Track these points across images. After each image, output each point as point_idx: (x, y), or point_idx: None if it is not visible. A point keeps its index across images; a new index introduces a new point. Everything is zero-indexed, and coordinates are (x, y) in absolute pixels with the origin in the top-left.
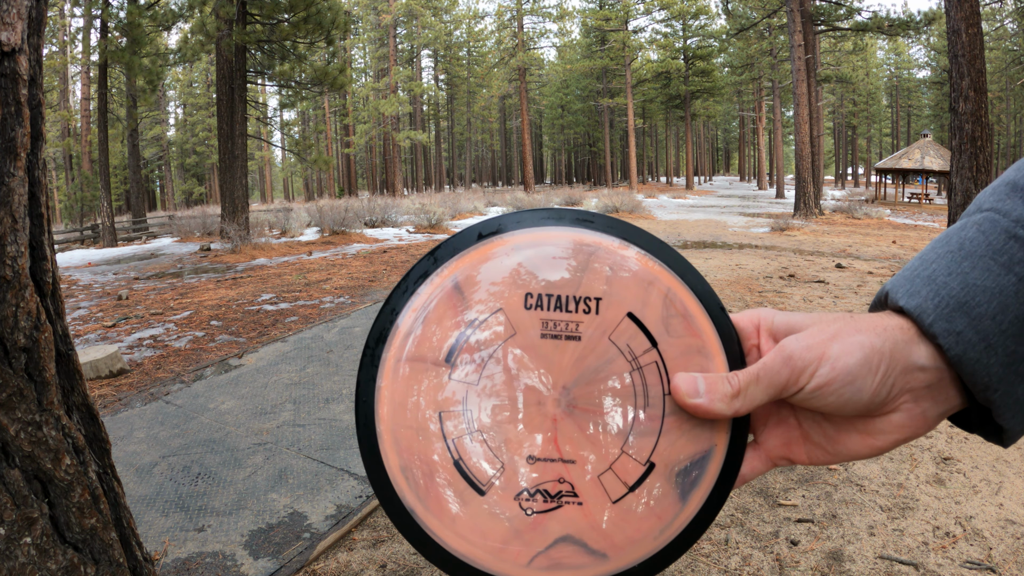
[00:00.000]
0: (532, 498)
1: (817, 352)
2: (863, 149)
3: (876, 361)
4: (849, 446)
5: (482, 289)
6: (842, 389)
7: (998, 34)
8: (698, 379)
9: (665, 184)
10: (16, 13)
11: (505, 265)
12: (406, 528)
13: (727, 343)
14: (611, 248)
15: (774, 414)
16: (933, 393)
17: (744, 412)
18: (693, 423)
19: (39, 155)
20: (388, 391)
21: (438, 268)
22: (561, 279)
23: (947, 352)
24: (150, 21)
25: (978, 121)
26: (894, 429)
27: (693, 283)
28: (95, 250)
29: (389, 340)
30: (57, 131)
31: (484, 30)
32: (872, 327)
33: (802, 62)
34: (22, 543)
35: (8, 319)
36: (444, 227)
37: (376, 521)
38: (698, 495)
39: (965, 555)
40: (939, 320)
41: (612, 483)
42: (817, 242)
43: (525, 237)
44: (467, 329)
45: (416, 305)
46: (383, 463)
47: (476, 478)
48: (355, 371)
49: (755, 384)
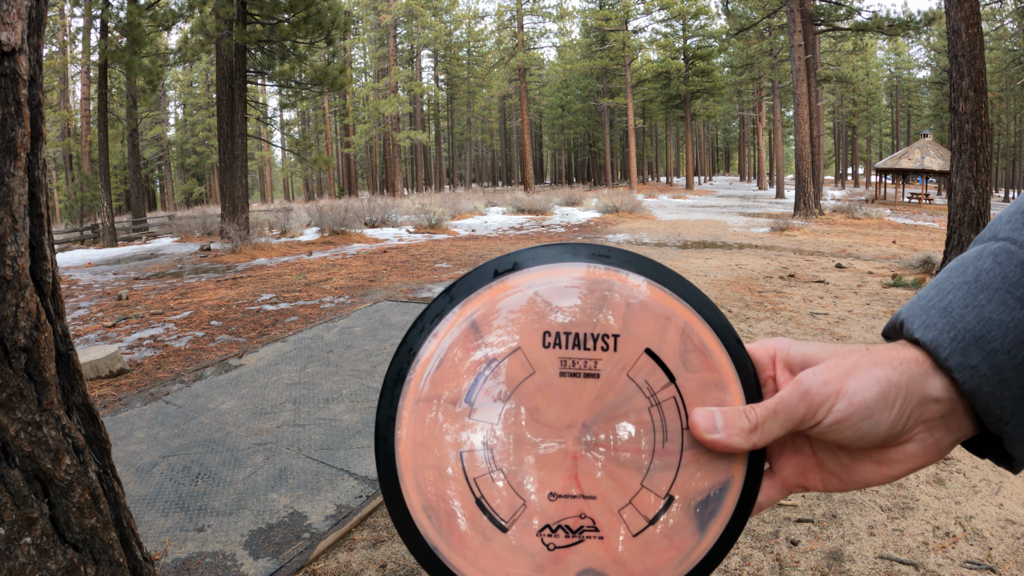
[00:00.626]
0: (554, 534)
1: (835, 387)
2: (863, 149)
3: (893, 395)
4: (864, 475)
5: (499, 328)
6: (860, 424)
7: (998, 34)
8: (716, 414)
9: (665, 184)
10: (16, 13)
11: (522, 303)
12: (430, 565)
13: (744, 376)
14: (628, 284)
15: (790, 444)
16: (947, 423)
17: (761, 446)
18: (711, 456)
19: (39, 155)
20: (408, 431)
21: (454, 307)
22: (578, 316)
23: (962, 386)
24: (150, 21)
25: (978, 121)
26: (908, 459)
27: (710, 316)
28: (95, 250)
29: (408, 379)
30: (57, 131)
31: (484, 30)
32: (888, 360)
33: (802, 62)
34: (22, 543)
35: (8, 319)
36: (444, 227)
37: (376, 521)
38: (716, 526)
39: (965, 555)
40: (955, 354)
41: (632, 517)
42: (817, 242)
43: (541, 275)
44: (486, 369)
45: (434, 345)
46: (405, 502)
47: (498, 516)
48: (355, 371)
49: (773, 418)
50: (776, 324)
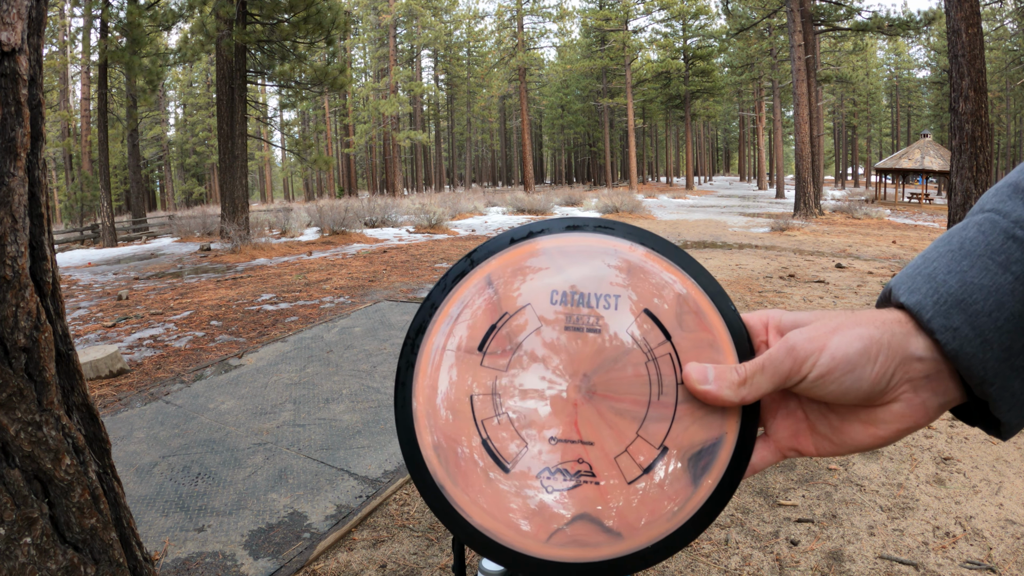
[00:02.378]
0: (553, 476)
1: (819, 343)
2: (863, 149)
3: (875, 351)
4: (853, 436)
5: (513, 286)
6: (843, 377)
7: (998, 34)
8: (708, 368)
9: (665, 184)
10: (16, 13)
11: (533, 265)
12: (435, 503)
13: (737, 338)
14: (630, 251)
15: (782, 406)
16: (932, 384)
17: (751, 400)
18: (705, 411)
19: (39, 155)
20: (425, 375)
21: (474, 268)
22: (584, 278)
23: (944, 347)
24: (150, 21)
25: (978, 121)
26: (895, 419)
27: (705, 284)
28: (95, 250)
29: (428, 330)
30: (57, 131)
31: (484, 30)
32: (872, 320)
33: (802, 62)
34: (22, 543)
35: (8, 319)
36: (444, 227)
37: (376, 521)
38: (709, 480)
39: (965, 555)
40: (937, 316)
41: (627, 465)
42: (817, 242)
43: (552, 242)
44: (498, 321)
45: (453, 300)
46: (417, 441)
47: (502, 456)
48: (355, 370)
49: (760, 373)
50: None
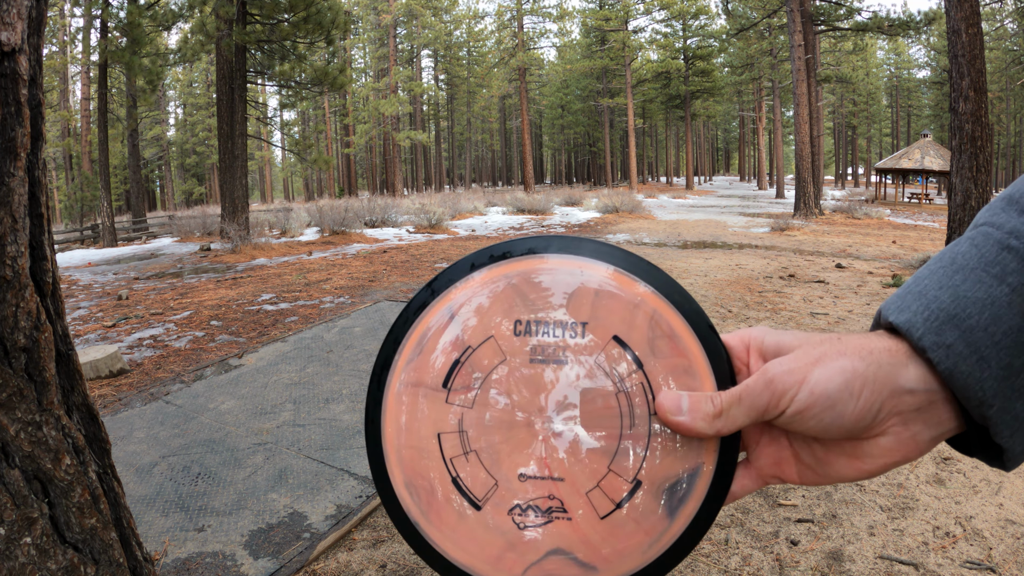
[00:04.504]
0: (524, 513)
1: (798, 376)
2: (863, 149)
3: (858, 386)
4: (837, 468)
5: (474, 317)
6: (822, 414)
7: (998, 34)
8: (683, 397)
9: (665, 184)
10: (16, 13)
11: (495, 293)
12: (411, 539)
13: (715, 362)
14: (597, 273)
15: (766, 433)
16: (924, 416)
17: (726, 432)
18: (680, 441)
19: (39, 155)
20: (392, 414)
21: (435, 299)
22: (548, 305)
23: (937, 366)
24: (150, 21)
25: (978, 121)
26: (882, 453)
27: (680, 303)
28: (95, 250)
29: (393, 366)
30: (57, 131)
31: (484, 30)
32: (857, 350)
33: (802, 62)
34: (22, 543)
35: (8, 319)
36: (444, 227)
37: (376, 521)
38: (686, 512)
39: (965, 555)
40: (928, 333)
41: (600, 500)
42: (817, 242)
43: (513, 266)
44: (461, 356)
45: (416, 333)
46: (389, 479)
47: (473, 494)
48: (355, 370)
49: (737, 405)
50: (776, 324)
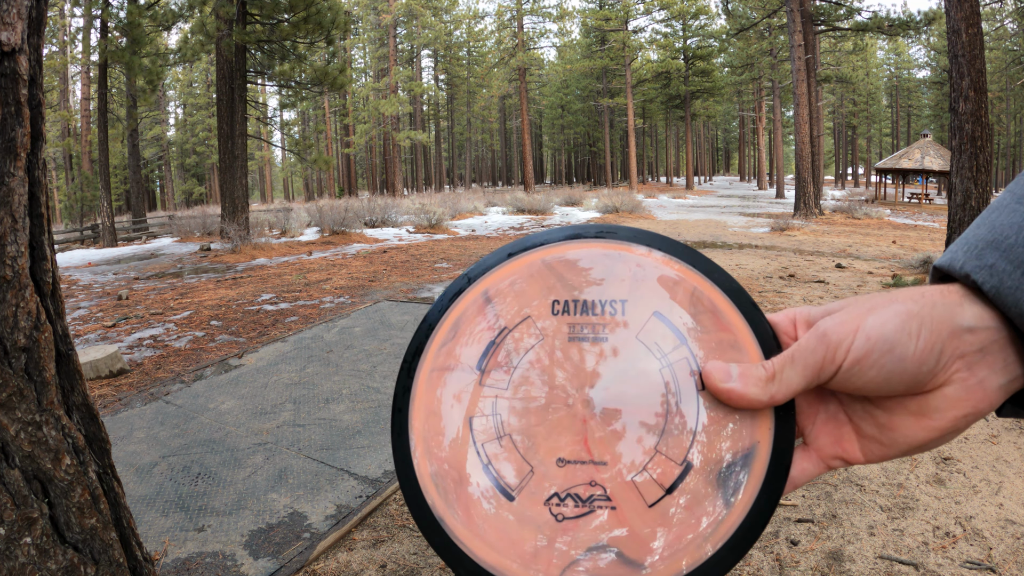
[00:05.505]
0: (563, 503)
1: (851, 326)
2: (863, 149)
3: (915, 326)
4: (905, 432)
5: (511, 300)
6: (882, 359)
7: (998, 34)
8: (731, 366)
9: (665, 184)
10: (16, 13)
11: (532, 276)
12: (434, 538)
13: (762, 337)
14: (634, 253)
15: (821, 410)
16: (988, 359)
17: (781, 398)
18: (732, 419)
19: (39, 155)
20: (422, 400)
21: (471, 285)
22: (586, 285)
23: (983, 287)
24: (150, 21)
25: (978, 121)
26: (950, 405)
27: (720, 280)
28: (95, 250)
29: (425, 352)
30: (57, 131)
31: (484, 30)
32: (909, 296)
33: (802, 62)
34: (22, 543)
35: (8, 319)
36: (444, 227)
37: (376, 521)
38: (744, 498)
39: (965, 555)
40: (970, 260)
41: (647, 485)
42: (817, 242)
43: (551, 251)
44: (497, 337)
45: (450, 319)
46: (415, 472)
47: (505, 482)
48: (355, 370)
49: (790, 366)
50: None
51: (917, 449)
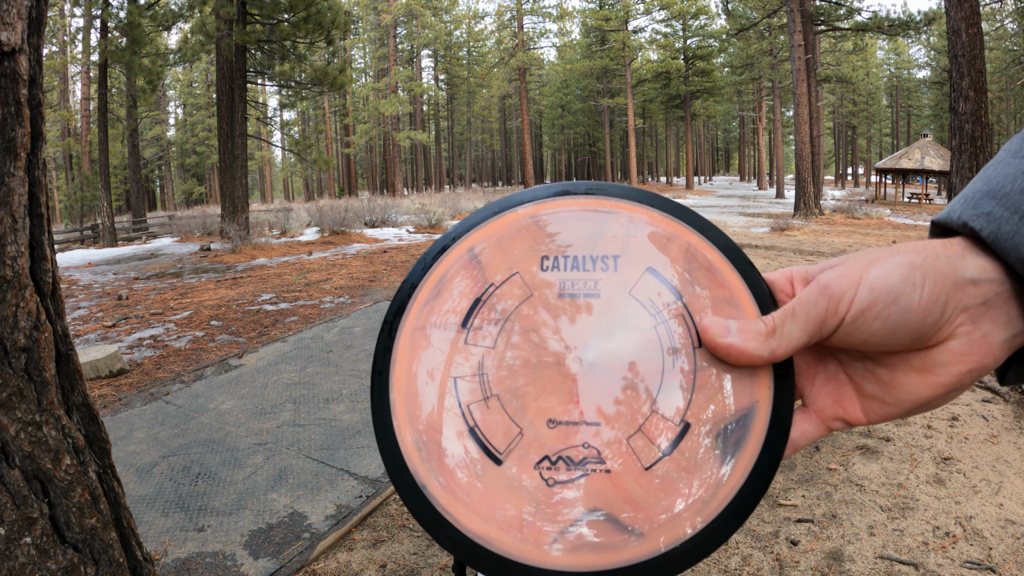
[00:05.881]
0: (554, 466)
1: (854, 278)
2: (863, 149)
3: (919, 276)
4: (909, 389)
5: (498, 256)
6: (886, 311)
7: (998, 34)
8: (729, 321)
9: (665, 184)
10: (16, 13)
11: (520, 232)
12: (418, 508)
13: (758, 293)
14: (625, 208)
15: (820, 369)
16: (992, 312)
17: (782, 354)
18: (730, 375)
19: (39, 155)
20: (403, 362)
21: (456, 243)
22: (577, 240)
23: (981, 232)
24: (150, 21)
25: (978, 121)
26: (955, 359)
27: (714, 237)
28: (95, 250)
29: (407, 311)
30: (57, 131)
31: (484, 30)
32: (912, 247)
33: (802, 62)
34: (22, 543)
35: (8, 319)
36: (444, 227)
37: (376, 521)
38: (744, 460)
39: (965, 555)
40: (967, 209)
41: (643, 447)
42: (817, 242)
43: (539, 207)
44: (483, 294)
45: (434, 276)
46: (396, 437)
47: (492, 445)
48: (355, 371)
49: (791, 319)
50: None
51: (920, 408)
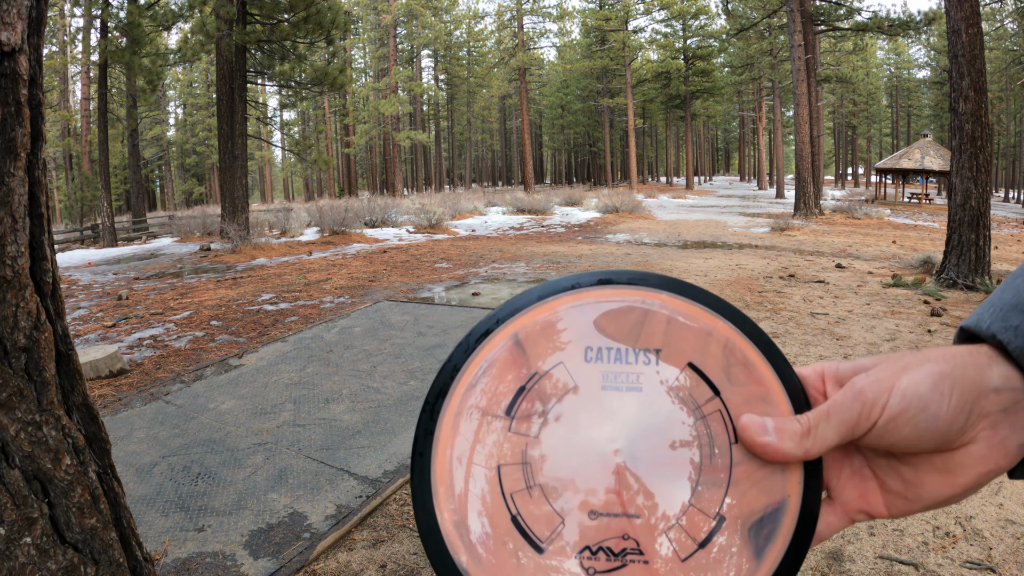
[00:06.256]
0: (594, 556)
1: (887, 384)
2: (863, 149)
3: (947, 386)
4: (930, 488)
5: (542, 344)
6: (916, 418)
7: (998, 34)
8: (767, 420)
9: (665, 184)
10: (16, 13)
11: (565, 321)
12: None
13: (792, 391)
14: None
15: (846, 464)
16: (1011, 418)
17: (815, 453)
18: (763, 472)
19: (39, 155)
20: (446, 445)
21: (500, 326)
22: (620, 333)
23: (1008, 346)
24: (150, 21)
25: (978, 121)
26: (975, 462)
27: (751, 333)
28: (95, 250)
29: (449, 394)
30: (57, 131)
31: (484, 30)
32: (940, 356)
33: (802, 62)
34: (22, 543)
35: (8, 319)
36: (444, 227)
37: (376, 521)
38: (774, 552)
39: (965, 555)
40: (996, 322)
41: (680, 539)
42: (817, 242)
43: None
44: (527, 382)
45: (477, 360)
46: (437, 519)
47: (535, 534)
48: (355, 370)
49: (826, 421)
50: (776, 324)
51: (939, 504)
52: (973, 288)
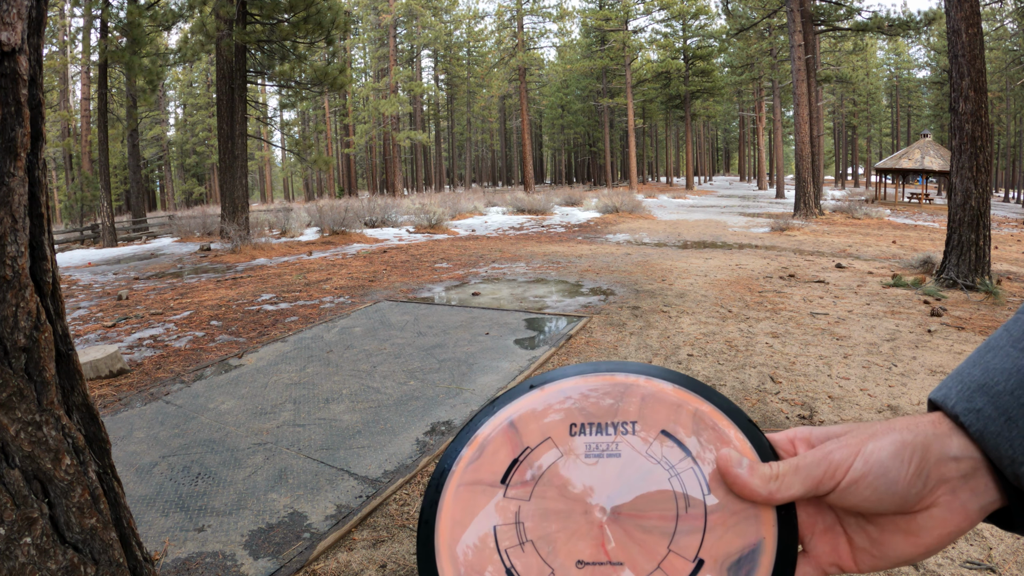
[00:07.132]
0: None
1: (853, 449)
2: (863, 149)
3: (908, 453)
4: (895, 547)
5: (533, 423)
6: (876, 482)
7: (998, 34)
8: (743, 457)
9: (665, 184)
10: (16, 13)
11: (552, 404)
12: None
13: (760, 450)
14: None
15: (820, 521)
16: (970, 484)
17: (779, 498)
18: (737, 518)
19: (39, 155)
20: (449, 512)
21: (496, 411)
22: (600, 410)
23: (969, 428)
24: (150, 21)
25: (978, 121)
26: (937, 524)
27: (720, 403)
28: (95, 250)
29: (452, 472)
30: (57, 131)
31: (484, 30)
32: (907, 425)
33: (802, 62)
34: (22, 543)
35: (8, 319)
36: (444, 227)
37: (376, 521)
38: None
39: (965, 555)
40: (960, 401)
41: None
42: (817, 242)
43: (569, 383)
44: (520, 455)
45: (476, 440)
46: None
47: None
48: (355, 370)
49: (794, 473)
50: (776, 324)
51: (905, 562)
52: (973, 288)
